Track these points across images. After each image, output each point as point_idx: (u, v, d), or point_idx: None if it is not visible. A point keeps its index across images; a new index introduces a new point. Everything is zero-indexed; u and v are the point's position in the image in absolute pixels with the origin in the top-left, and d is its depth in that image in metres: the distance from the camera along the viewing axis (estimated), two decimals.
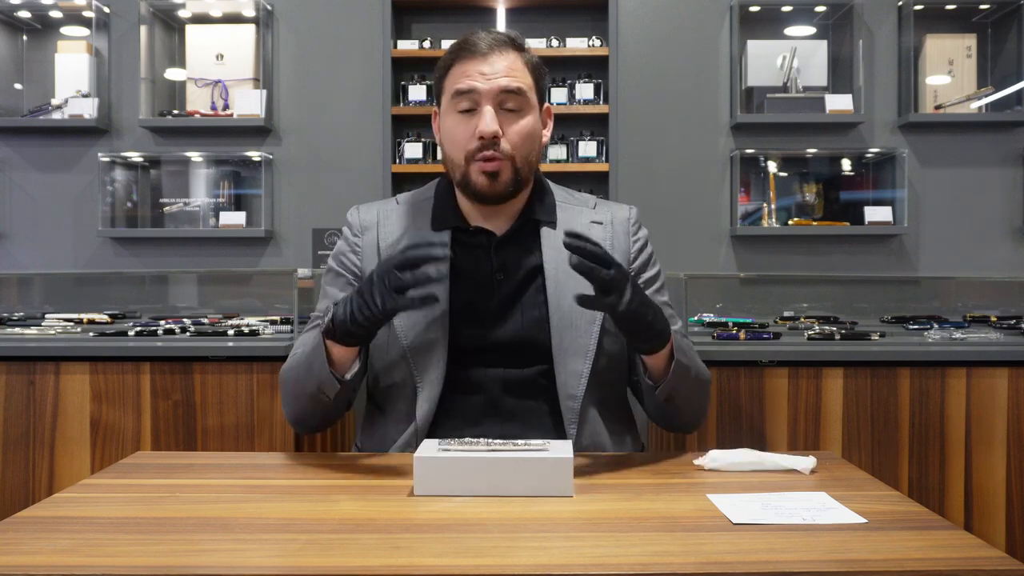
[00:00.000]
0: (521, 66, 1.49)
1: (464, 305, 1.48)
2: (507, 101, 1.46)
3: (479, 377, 1.47)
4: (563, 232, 1.30)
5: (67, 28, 3.10)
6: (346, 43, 3.04)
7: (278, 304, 2.92)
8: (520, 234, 1.53)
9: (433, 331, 1.46)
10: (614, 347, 1.52)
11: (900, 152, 2.94)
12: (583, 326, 1.48)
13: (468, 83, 1.45)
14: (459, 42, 1.50)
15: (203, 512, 1.10)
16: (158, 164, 3.10)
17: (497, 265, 1.51)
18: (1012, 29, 2.96)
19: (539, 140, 1.52)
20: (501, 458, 1.16)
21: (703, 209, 3.02)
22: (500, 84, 1.45)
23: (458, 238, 1.52)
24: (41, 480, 2.12)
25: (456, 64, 1.48)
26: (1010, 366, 2.06)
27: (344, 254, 1.57)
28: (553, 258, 1.50)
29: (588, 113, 2.97)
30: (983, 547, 0.95)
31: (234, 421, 2.11)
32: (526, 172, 1.49)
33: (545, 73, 1.55)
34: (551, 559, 0.92)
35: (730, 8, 3.00)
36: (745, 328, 2.33)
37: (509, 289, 1.49)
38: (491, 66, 1.45)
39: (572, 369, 1.47)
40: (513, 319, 1.48)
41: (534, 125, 1.49)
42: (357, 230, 1.57)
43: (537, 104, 1.51)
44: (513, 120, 1.47)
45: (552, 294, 1.48)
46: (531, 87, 1.49)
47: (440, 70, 1.52)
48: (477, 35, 1.49)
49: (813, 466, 1.28)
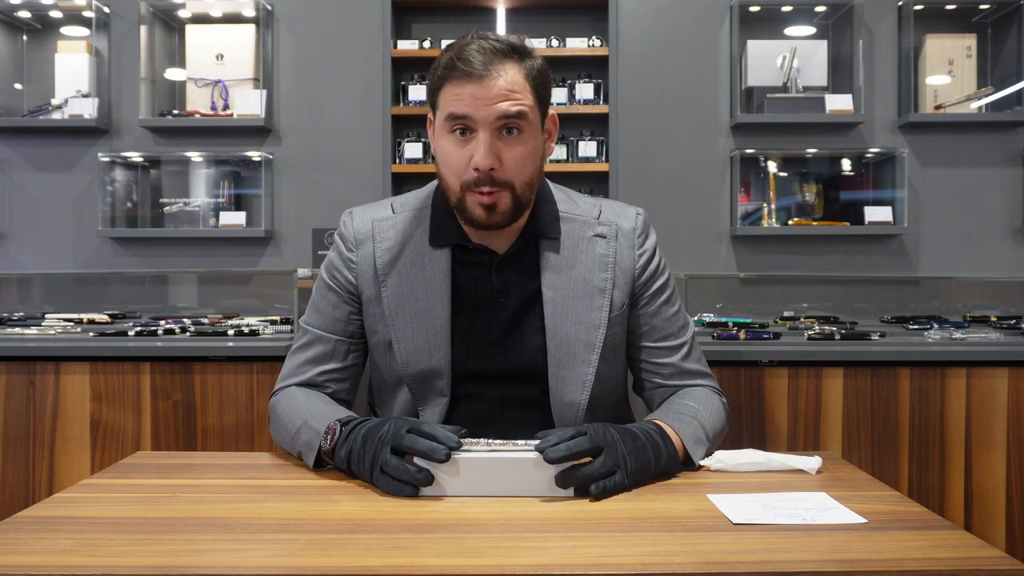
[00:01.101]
0: (521, 81, 1.36)
1: (466, 330, 1.44)
2: (506, 126, 1.35)
3: (480, 393, 1.45)
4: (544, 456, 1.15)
5: (67, 28, 3.10)
6: (346, 43, 3.04)
7: (278, 304, 2.92)
8: (522, 252, 1.46)
9: (435, 360, 1.42)
10: (614, 368, 1.50)
11: (900, 152, 2.94)
12: (581, 354, 1.43)
13: (463, 109, 1.33)
14: (454, 55, 1.35)
15: (203, 512, 1.10)
16: (158, 164, 3.10)
17: (498, 287, 1.44)
18: (1012, 29, 2.96)
19: (541, 159, 1.43)
20: (501, 458, 1.16)
21: (703, 209, 3.02)
22: (499, 111, 1.33)
23: (457, 255, 1.45)
24: (41, 480, 2.12)
25: (449, 83, 1.35)
26: (1010, 366, 2.06)
27: (338, 269, 1.49)
28: (552, 281, 1.44)
29: (588, 113, 2.97)
30: (983, 547, 0.95)
31: (234, 421, 2.11)
32: (527, 196, 1.40)
33: (549, 80, 1.42)
34: (551, 559, 0.92)
35: (730, 8, 3.00)
36: (745, 328, 2.33)
37: (509, 314, 1.44)
38: (487, 90, 1.32)
39: (569, 400, 1.43)
40: (514, 348, 1.44)
41: (535, 148, 1.39)
42: (351, 243, 1.48)
43: (539, 121, 1.40)
44: (512, 145, 1.36)
45: (550, 320, 1.43)
46: (532, 106, 1.37)
47: (433, 82, 1.39)
48: (471, 49, 1.34)
49: (819, 466, 1.28)
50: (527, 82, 1.37)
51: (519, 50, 1.38)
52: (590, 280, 1.44)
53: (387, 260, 1.45)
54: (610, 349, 1.46)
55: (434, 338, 1.42)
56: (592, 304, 1.43)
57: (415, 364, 1.43)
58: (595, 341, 1.43)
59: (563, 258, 1.45)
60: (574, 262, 1.45)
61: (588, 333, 1.43)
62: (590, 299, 1.44)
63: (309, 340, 1.49)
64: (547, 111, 1.44)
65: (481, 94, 1.33)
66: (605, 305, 1.44)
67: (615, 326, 1.46)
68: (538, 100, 1.39)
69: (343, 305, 1.48)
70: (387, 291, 1.44)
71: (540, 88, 1.39)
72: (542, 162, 1.43)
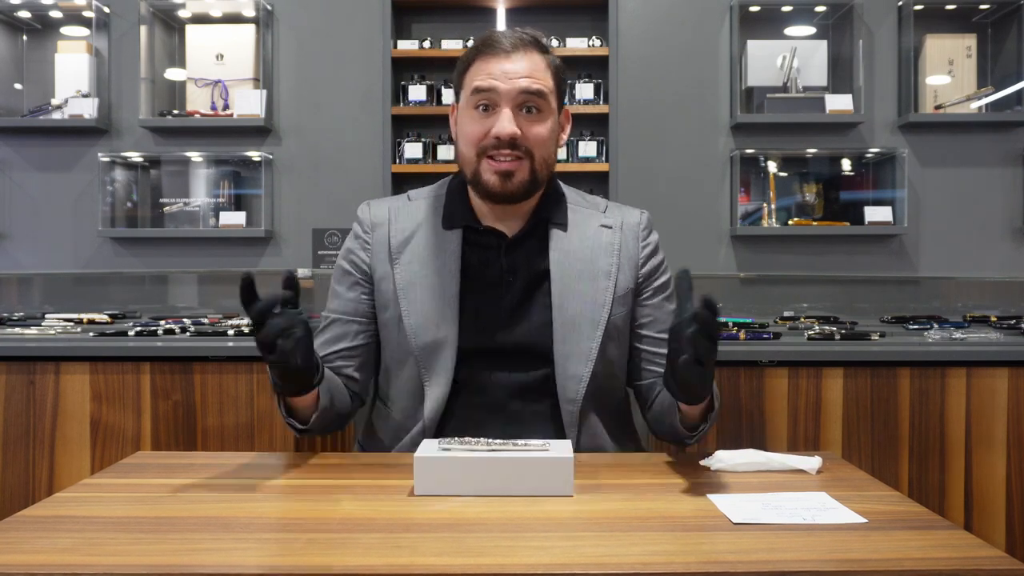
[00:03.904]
0: (543, 68, 1.47)
1: (474, 307, 1.48)
2: (527, 103, 1.45)
3: (484, 380, 1.47)
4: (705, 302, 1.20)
5: (67, 28, 3.10)
6: (346, 43, 3.04)
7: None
8: (531, 236, 1.52)
9: (443, 331, 1.46)
10: (616, 352, 1.52)
11: (900, 152, 2.94)
12: (586, 331, 1.48)
13: (489, 82, 1.44)
14: (483, 38, 1.48)
15: (203, 512, 1.10)
16: (158, 164, 3.10)
17: (507, 267, 1.50)
18: (1012, 29, 2.95)
19: (556, 143, 1.52)
20: (501, 458, 1.16)
21: (703, 209, 3.01)
22: (521, 85, 1.43)
23: (468, 237, 1.52)
24: (41, 480, 2.12)
25: (478, 60, 1.46)
26: (1010, 366, 2.06)
27: (354, 252, 1.55)
28: (560, 262, 1.50)
29: (588, 113, 2.97)
30: (983, 547, 0.95)
31: (234, 421, 2.11)
32: (543, 174, 1.48)
33: (566, 76, 1.54)
34: (551, 559, 0.92)
35: (730, 8, 3.00)
36: (745, 328, 2.33)
37: (517, 292, 1.49)
38: (513, 65, 1.44)
39: (572, 373, 1.46)
40: (520, 324, 1.48)
41: (552, 128, 1.49)
42: (368, 227, 1.55)
43: (556, 107, 1.50)
44: (532, 122, 1.46)
45: (556, 298, 1.48)
46: (552, 90, 1.48)
47: (461, 65, 1.50)
48: (502, 32, 1.48)
49: (819, 466, 1.28)
50: (548, 69, 1.48)
51: (542, 44, 1.50)
52: (596, 263, 1.51)
53: (400, 240, 1.52)
54: (614, 329, 1.50)
55: (442, 310, 1.46)
56: (598, 286, 1.50)
57: (423, 336, 1.47)
58: (599, 319, 1.48)
59: (571, 242, 1.52)
60: (582, 246, 1.52)
61: (594, 312, 1.48)
62: (595, 281, 1.50)
63: (325, 324, 1.55)
64: (563, 105, 1.54)
65: (507, 69, 1.44)
66: (610, 287, 1.50)
67: (619, 307, 1.51)
68: (556, 88, 1.50)
69: (356, 286, 1.54)
70: (399, 268, 1.50)
71: (559, 79, 1.51)
72: (556, 147, 1.52)
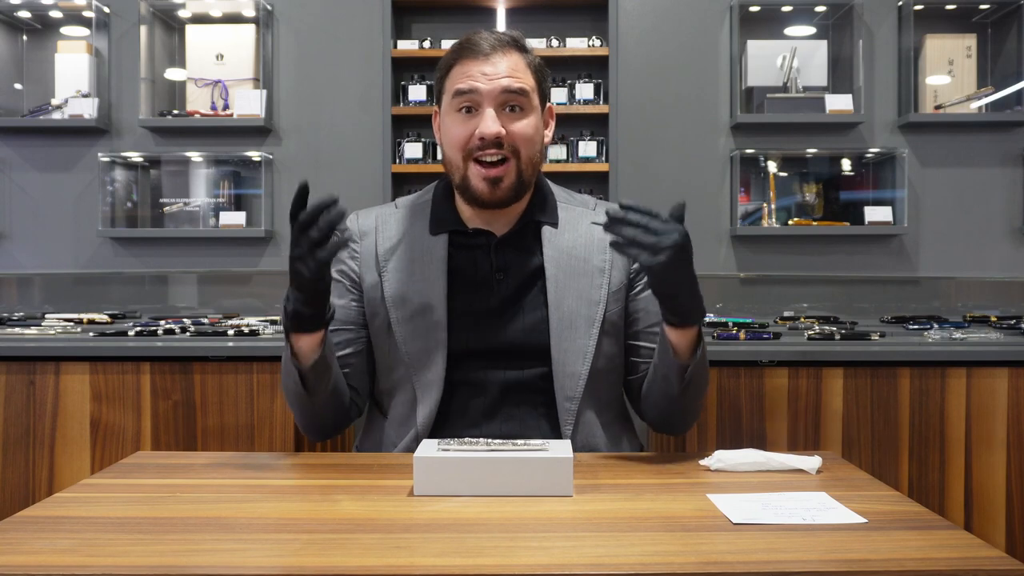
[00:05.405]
0: (524, 67, 1.48)
1: (463, 308, 1.48)
2: (509, 102, 1.45)
3: (479, 379, 1.47)
4: (607, 212, 1.30)
5: (67, 28, 3.10)
6: (346, 43, 3.04)
7: (278, 304, 2.91)
8: (521, 235, 1.52)
9: (432, 337, 1.46)
10: (613, 349, 1.52)
11: (900, 152, 2.94)
12: (583, 328, 1.47)
13: (470, 83, 1.44)
14: (461, 41, 1.49)
15: (203, 512, 1.10)
16: (158, 164, 3.10)
17: (497, 265, 1.50)
18: (1012, 29, 2.95)
19: (541, 141, 1.52)
20: (501, 458, 1.16)
21: (703, 209, 3.01)
22: (502, 84, 1.44)
23: (455, 240, 1.51)
24: (41, 480, 2.12)
25: (458, 64, 1.47)
26: (1010, 366, 2.06)
27: (343, 261, 1.56)
28: (554, 259, 1.50)
29: (588, 113, 2.97)
30: (983, 547, 0.95)
31: (234, 421, 2.11)
32: (529, 174, 1.48)
33: (548, 75, 1.54)
34: (551, 559, 0.92)
35: (730, 8, 3.00)
36: (745, 328, 2.33)
37: (509, 290, 1.49)
38: (493, 66, 1.44)
39: (570, 371, 1.46)
40: (514, 321, 1.48)
41: (536, 126, 1.49)
42: (356, 236, 1.56)
43: (539, 105, 1.50)
44: (515, 120, 1.46)
45: (552, 295, 1.47)
46: (533, 88, 1.48)
47: (441, 70, 1.51)
48: (479, 35, 1.48)
49: (819, 466, 1.28)
50: (529, 68, 1.49)
51: (521, 43, 1.51)
52: (590, 260, 1.51)
53: (387, 248, 1.53)
54: (610, 326, 1.50)
55: (430, 315, 1.46)
56: (592, 283, 1.50)
57: (413, 342, 1.47)
58: (595, 316, 1.48)
59: (564, 239, 1.52)
60: (575, 244, 1.52)
61: (589, 308, 1.48)
62: (590, 278, 1.50)
63: None
64: (546, 102, 1.54)
65: (487, 70, 1.44)
66: (604, 283, 1.50)
67: (615, 303, 1.51)
68: (538, 86, 1.50)
69: (346, 293, 1.54)
70: (387, 276, 1.51)
71: (540, 77, 1.51)
72: (542, 147, 1.52)
